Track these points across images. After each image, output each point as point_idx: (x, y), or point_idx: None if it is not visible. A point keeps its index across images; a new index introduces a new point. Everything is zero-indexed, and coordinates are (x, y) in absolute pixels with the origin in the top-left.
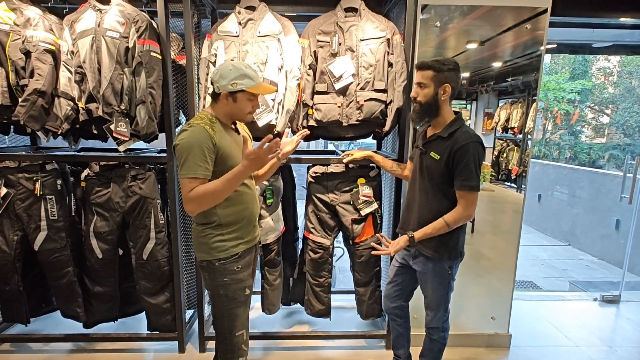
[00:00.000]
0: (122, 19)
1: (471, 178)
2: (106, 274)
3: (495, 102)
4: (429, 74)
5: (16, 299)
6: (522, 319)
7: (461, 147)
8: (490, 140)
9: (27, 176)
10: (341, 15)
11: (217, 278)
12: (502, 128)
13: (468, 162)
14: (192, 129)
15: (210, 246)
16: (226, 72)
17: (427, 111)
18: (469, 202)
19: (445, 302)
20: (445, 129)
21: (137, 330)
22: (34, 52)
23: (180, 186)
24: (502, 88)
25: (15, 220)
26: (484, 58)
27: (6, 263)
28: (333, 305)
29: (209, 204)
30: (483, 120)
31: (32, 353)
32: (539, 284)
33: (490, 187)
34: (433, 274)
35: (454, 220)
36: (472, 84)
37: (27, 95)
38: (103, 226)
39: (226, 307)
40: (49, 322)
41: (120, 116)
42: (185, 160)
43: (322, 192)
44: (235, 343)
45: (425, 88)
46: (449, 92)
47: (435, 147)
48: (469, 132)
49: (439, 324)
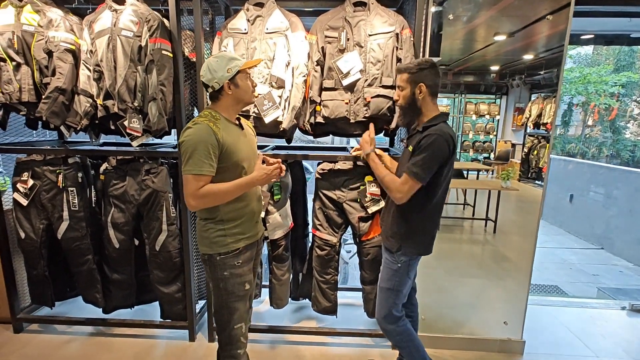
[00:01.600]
0: (135, 18)
1: (418, 165)
2: (123, 263)
3: (527, 96)
4: (405, 77)
5: (42, 283)
6: (540, 325)
7: (425, 137)
8: (520, 136)
9: (51, 169)
10: (350, 10)
11: (217, 272)
12: (534, 124)
13: (423, 151)
14: (197, 126)
15: (212, 240)
16: (215, 65)
17: (409, 112)
18: (404, 185)
19: (389, 298)
20: (423, 125)
21: (152, 317)
22: (56, 52)
23: (184, 181)
24: (534, 81)
25: (41, 210)
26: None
27: (33, 249)
28: (344, 302)
29: (213, 203)
30: (513, 116)
31: (57, 334)
32: (564, 289)
33: (514, 186)
34: (384, 262)
35: (386, 182)
36: (502, 77)
37: (49, 93)
38: (119, 217)
39: (225, 301)
40: (73, 306)
41: (133, 112)
42: (190, 156)
43: (329, 189)
44: (234, 335)
45: (403, 90)
46: (425, 90)
47: (412, 141)
48: (440, 128)
49: (380, 319)
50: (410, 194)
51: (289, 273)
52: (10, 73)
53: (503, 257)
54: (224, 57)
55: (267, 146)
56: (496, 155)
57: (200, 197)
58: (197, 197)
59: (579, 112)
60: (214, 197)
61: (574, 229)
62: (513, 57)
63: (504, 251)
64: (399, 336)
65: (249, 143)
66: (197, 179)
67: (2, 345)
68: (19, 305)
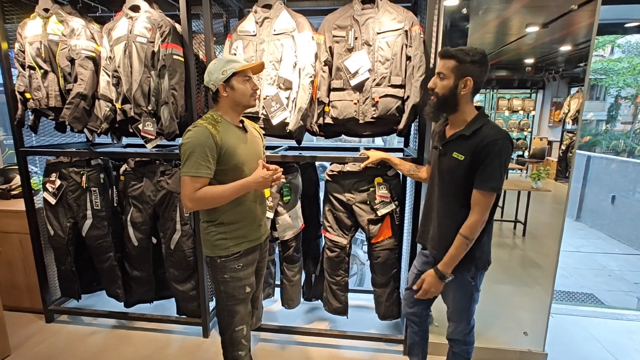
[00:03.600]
0: (149, 24)
1: (493, 178)
2: (141, 260)
3: (565, 90)
4: (451, 64)
5: (69, 277)
6: (567, 336)
7: (488, 144)
8: (557, 132)
9: (75, 170)
10: (358, 7)
11: (218, 274)
12: (573, 119)
13: (493, 160)
14: (196, 129)
15: (213, 243)
16: (212, 67)
17: (444, 105)
18: (484, 206)
19: (468, 315)
20: (467, 127)
21: (170, 312)
22: (77, 59)
23: (181, 183)
24: (574, 74)
25: (68, 209)
26: (554, 40)
27: (61, 246)
28: (357, 303)
29: (210, 205)
30: (550, 111)
31: (83, 325)
32: (601, 297)
33: (547, 187)
34: (454, 285)
35: (471, 231)
36: (537, 70)
37: (72, 99)
38: (138, 217)
39: (226, 303)
40: (99, 299)
41: (147, 116)
42: (188, 158)
43: (338, 191)
44: (235, 338)
45: (444, 79)
46: (470, 86)
47: (457, 147)
48: (496, 128)
49: (460, 337)
50: (489, 209)
51: (300, 274)
52: (39, 80)
53: (531, 262)
54: (223, 59)
55: (280, 147)
56: (531, 153)
57: (197, 199)
58: (193, 199)
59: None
60: (210, 199)
61: (616, 233)
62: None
63: (532, 256)
64: (473, 345)
65: (253, 146)
66: (194, 181)
67: (35, 334)
68: (50, 298)
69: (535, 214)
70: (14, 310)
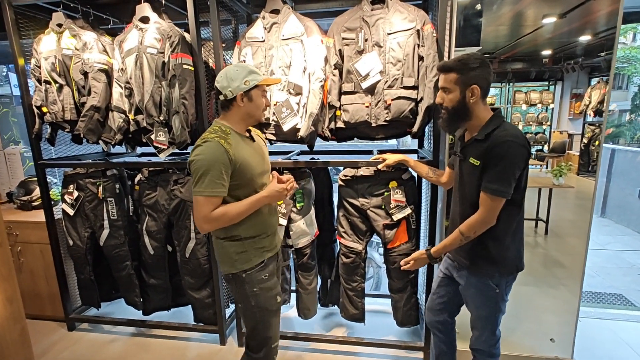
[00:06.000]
0: (158, 35)
1: (497, 180)
2: (158, 268)
3: (585, 81)
4: (452, 77)
5: (89, 286)
6: (596, 342)
7: (495, 146)
8: (578, 125)
9: (92, 181)
10: (367, 8)
11: (247, 289)
12: (594, 111)
13: (498, 163)
14: (208, 144)
15: (234, 259)
16: (234, 73)
17: (457, 117)
18: (489, 209)
19: (492, 324)
20: (481, 131)
21: (187, 319)
22: (90, 72)
23: (194, 203)
24: (594, 64)
25: (85, 219)
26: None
27: (80, 256)
28: (374, 308)
29: (226, 224)
30: (570, 103)
31: (103, 333)
32: (631, 298)
33: (569, 183)
34: (476, 290)
35: (468, 229)
36: (555, 62)
37: (86, 111)
38: (153, 226)
39: (260, 318)
40: (118, 307)
41: (159, 126)
42: (202, 177)
43: (352, 197)
44: (269, 354)
45: (450, 93)
46: (478, 93)
47: (473, 152)
48: (507, 131)
49: (485, 347)
50: (496, 213)
51: (316, 281)
52: (55, 94)
53: (555, 262)
54: (245, 68)
55: (292, 152)
56: (550, 148)
57: (213, 219)
58: (209, 220)
59: None
60: (227, 219)
61: None
62: (568, 39)
63: (556, 256)
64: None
65: (262, 155)
66: (210, 201)
67: (57, 342)
68: (71, 306)
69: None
70: (37, 318)
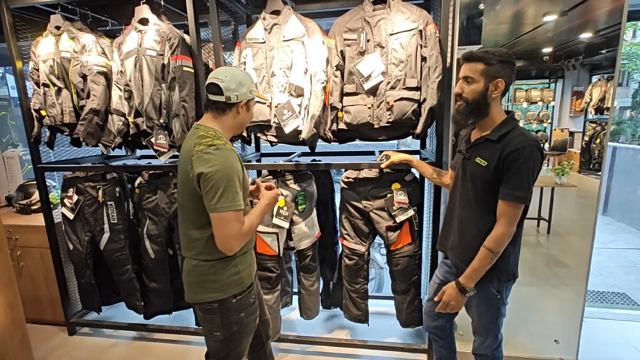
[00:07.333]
0: (157, 37)
1: (520, 187)
2: (159, 272)
3: (586, 78)
4: (479, 67)
5: (89, 290)
6: (599, 342)
7: (514, 151)
8: (579, 123)
9: (91, 184)
10: (369, 9)
11: (232, 316)
12: (595, 109)
13: (520, 168)
14: (220, 152)
15: (225, 283)
16: (243, 79)
17: (475, 110)
18: (511, 218)
19: (494, 329)
20: (494, 131)
21: (189, 323)
22: (89, 75)
23: (220, 221)
24: (594, 62)
25: (85, 223)
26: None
27: (80, 260)
28: (377, 309)
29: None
30: (571, 101)
31: (104, 337)
32: (634, 297)
33: (571, 182)
34: (477, 297)
35: (496, 244)
36: (556, 59)
37: (85, 115)
38: (153, 229)
39: (238, 342)
40: (118, 311)
41: (159, 129)
42: (225, 190)
43: (355, 199)
44: None
45: (473, 83)
46: (501, 88)
47: (481, 152)
48: (525, 135)
49: (488, 352)
50: (517, 221)
51: (318, 282)
52: (54, 97)
53: (557, 262)
54: (250, 77)
55: (293, 153)
56: (552, 146)
57: (245, 235)
58: (241, 236)
59: None
60: (252, 232)
61: None
62: (569, 37)
63: (558, 255)
64: None
65: None
66: (238, 216)
67: (58, 347)
68: (72, 310)
69: (559, 210)
70: (38, 322)
